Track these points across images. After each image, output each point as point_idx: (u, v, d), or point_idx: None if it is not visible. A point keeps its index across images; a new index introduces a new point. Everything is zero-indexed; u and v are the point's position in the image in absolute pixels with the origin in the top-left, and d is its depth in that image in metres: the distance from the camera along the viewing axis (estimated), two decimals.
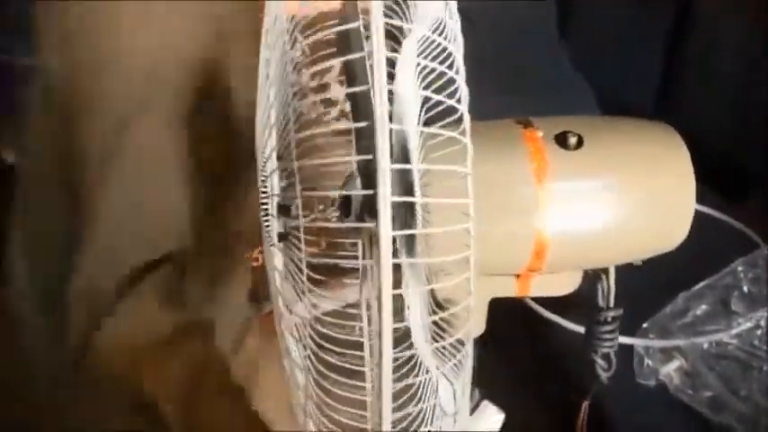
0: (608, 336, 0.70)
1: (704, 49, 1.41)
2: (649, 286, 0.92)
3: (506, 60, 1.26)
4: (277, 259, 0.61)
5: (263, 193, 0.60)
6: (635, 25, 1.48)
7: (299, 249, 0.59)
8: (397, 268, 0.53)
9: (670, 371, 1.04)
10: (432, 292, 0.58)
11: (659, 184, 0.63)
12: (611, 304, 0.69)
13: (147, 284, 0.74)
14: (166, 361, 0.69)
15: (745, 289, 1.13)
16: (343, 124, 0.93)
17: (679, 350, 1.05)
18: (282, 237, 0.59)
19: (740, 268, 1.15)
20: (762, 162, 1.29)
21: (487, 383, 0.69)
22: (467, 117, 0.48)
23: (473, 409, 0.69)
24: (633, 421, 1.00)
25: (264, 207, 0.59)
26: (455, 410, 0.57)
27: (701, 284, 1.12)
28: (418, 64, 0.49)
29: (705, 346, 1.06)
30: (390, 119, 0.48)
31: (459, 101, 0.48)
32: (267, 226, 0.59)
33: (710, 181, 0.84)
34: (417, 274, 0.58)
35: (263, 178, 0.60)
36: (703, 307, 1.12)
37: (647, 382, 1.04)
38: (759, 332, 1.08)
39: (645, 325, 1.08)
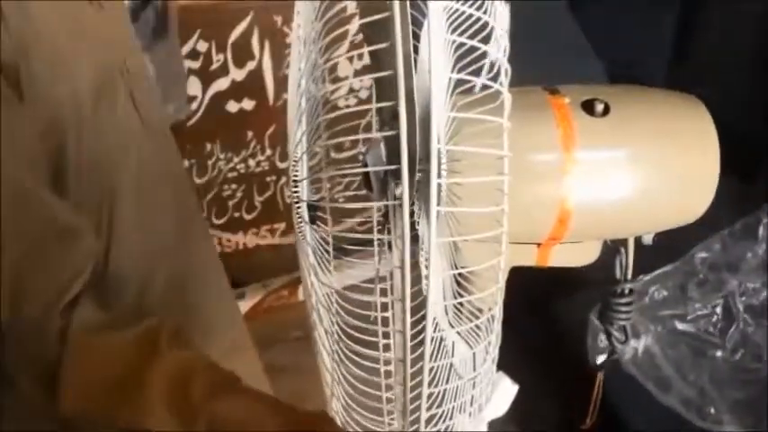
0: (624, 308, 0.69)
1: (720, 24, 1.41)
2: None
3: (517, 31, 1.25)
4: (309, 236, 0.61)
5: (295, 175, 0.59)
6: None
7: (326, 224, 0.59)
8: (415, 238, 0.52)
9: (624, 348, 1.03)
10: (455, 254, 0.57)
11: (684, 154, 0.62)
12: (629, 276, 0.69)
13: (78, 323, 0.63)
14: (142, 384, 0.60)
15: (702, 276, 1.13)
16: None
17: (634, 330, 1.04)
18: (312, 215, 0.59)
19: (699, 255, 1.15)
20: None
21: (501, 356, 0.68)
22: (505, 68, 0.47)
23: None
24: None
25: (296, 189, 0.58)
26: (474, 375, 0.57)
27: (659, 271, 1.11)
28: (452, 9, 0.48)
29: (659, 329, 1.06)
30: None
31: (498, 49, 0.46)
32: (298, 207, 0.58)
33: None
34: (441, 230, 0.57)
35: (294, 162, 0.59)
36: (663, 292, 1.11)
37: (599, 356, 1.02)
38: (714, 319, 1.08)
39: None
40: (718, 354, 1.05)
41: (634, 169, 0.61)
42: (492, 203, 0.52)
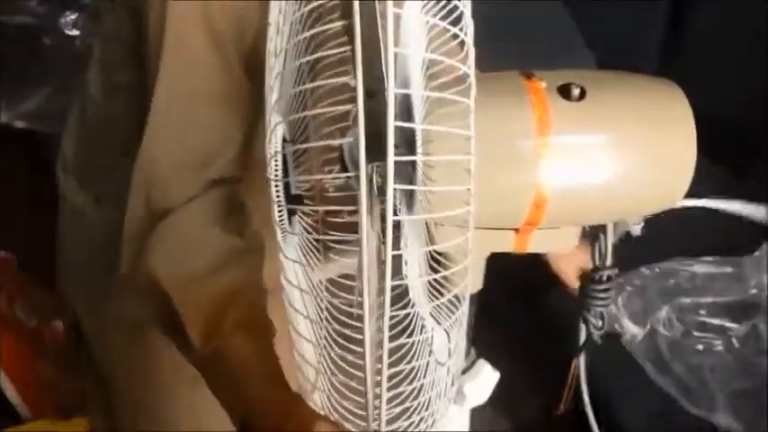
0: (602, 294, 0.69)
1: (710, 18, 1.41)
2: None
3: (507, 23, 1.25)
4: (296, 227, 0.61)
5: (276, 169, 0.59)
6: None
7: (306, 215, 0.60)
8: (396, 227, 0.52)
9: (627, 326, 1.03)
10: (430, 244, 0.57)
11: (661, 138, 0.62)
12: (608, 263, 0.68)
13: (198, 206, 0.73)
14: (200, 287, 0.69)
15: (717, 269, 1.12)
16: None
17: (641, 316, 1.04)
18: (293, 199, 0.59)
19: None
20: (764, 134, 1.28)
21: (483, 344, 0.68)
22: (471, 49, 0.47)
23: (469, 368, 0.68)
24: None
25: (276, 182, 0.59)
26: (448, 360, 0.56)
27: (672, 260, 1.10)
28: (425, 22, 0.48)
29: (667, 314, 1.05)
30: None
31: (463, 31, 0.46)
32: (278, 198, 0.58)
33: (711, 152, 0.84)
34: (416, 228, 0.57)
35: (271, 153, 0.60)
36: (672, 279, 1.10)
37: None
38: (725, 310, 1.07)
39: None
40: (723, 344, 1.05)
41: (610, 154, 0.61)
42: (463, 199, 0.52)
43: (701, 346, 1.03)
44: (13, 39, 1.38)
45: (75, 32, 1.39)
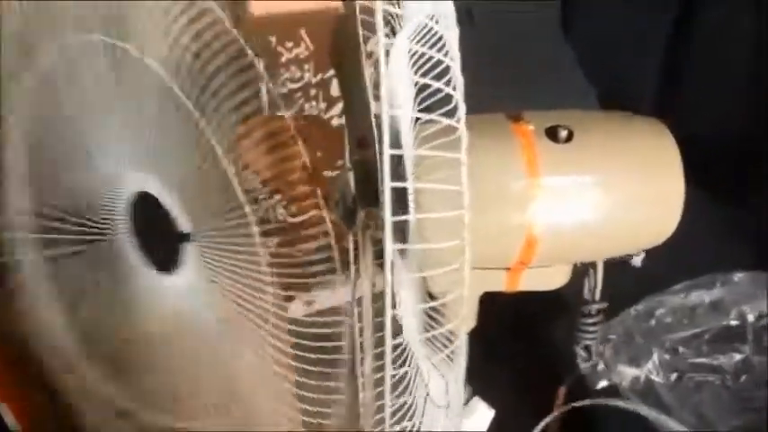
0: (590, 328, 0.70)
1: (709, 46, 1.41)
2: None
3: (507, 57, 1.26)
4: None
5: None
6: (638, 21, 1.49)
7: None
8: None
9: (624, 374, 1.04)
10: (425, 285, 0.58)
11: (648, 178, 0.63)
12: (597, 298, 0.69)
13: None
14: None
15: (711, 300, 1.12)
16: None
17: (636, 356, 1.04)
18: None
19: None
20: (763, 163, 1.28)
21: (477, 381, 0.69)
22: (462, 105, 0.48)
23: (464, 405, 0.69)
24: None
25: None
26: (447, 403, 0.57)
27: (664, 293, 1.10)
28: (412, 50, 0.49)
29: (662, 354, 1.06)
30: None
31: (454, 88, 0.48)
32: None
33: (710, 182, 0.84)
34: (410, 266, 0.58)
35: None
36: (668, 316, 1.10)
37: (599, 381, 1.02)
38: (718, 343, 1.07)
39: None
40: (720, 380, 1.05)
41: (599, 194, 0.62)
42: (456, 234, 0.52)
43: (696, 386, 1.04)
44: None
45: None
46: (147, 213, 0.75)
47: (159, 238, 0.75)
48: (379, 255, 0.63)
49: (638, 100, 1.36)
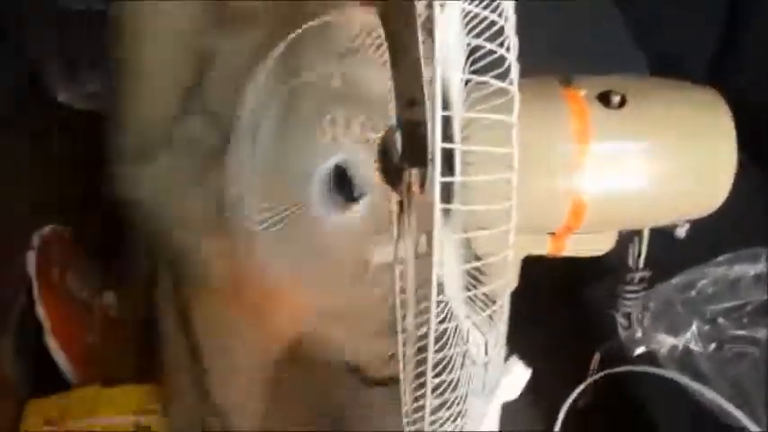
0: (632, 296, 0.70)
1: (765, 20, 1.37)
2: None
3: (557, 23, 1.24)
4: None
5: None
6: None
7: None
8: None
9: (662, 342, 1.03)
10: (469, 244, 0.58)
11: (701, 147, 0.62)
12: (641, 266, 0.69)
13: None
14: None
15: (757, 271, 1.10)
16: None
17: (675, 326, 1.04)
18: None
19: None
20: None
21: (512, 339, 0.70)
22: (515, 67, 0.48)
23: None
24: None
25: None
26: (486, 360, 0.58)
27: (708, 263, 1.09)
28: (464, 10, 0.49)
29: (702, 325, 1.05)
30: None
31: (507, 49, 0.47)
32: None
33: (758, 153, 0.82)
34: (454, 226, 0.58)
35: None
36: (711, 286, 1.09)
37: (637, 348, 1.03)
38: (759, 315, 1.06)
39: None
40: (759, 352, 1.04)
41: (649, 161, 0.61)
42: (503, 196, 0.53)
43: (735, 357, 1.03)
44: (73, 23, 1.41)
45: None
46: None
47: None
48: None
49: (690, 70, 1.33)
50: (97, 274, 1.35)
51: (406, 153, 0.59)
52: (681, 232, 0.68)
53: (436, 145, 0.45)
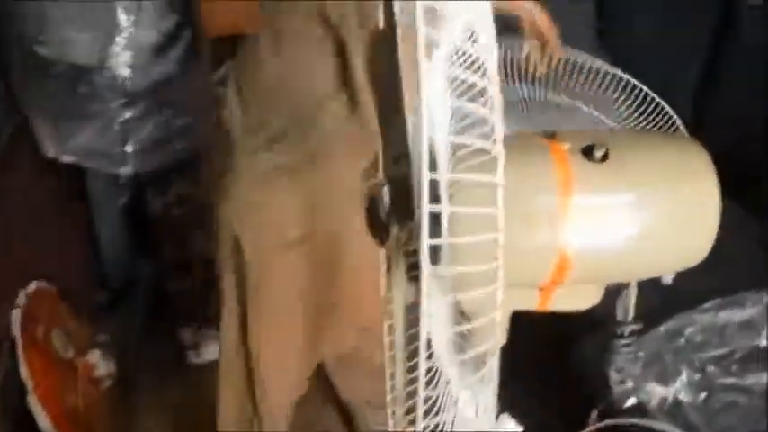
0: (624, 349, 0.70)
1: (747, 52, 1.39)
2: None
3: None
4: None
5: None
6: (676, 26, 1.48)
7: None
8: (416, 278, 0.53)
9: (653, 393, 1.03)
10: (456, 305, 0.58)
11: (683, 200, 0.63)
12: (630, 319, 0.69)
13: None
14: None
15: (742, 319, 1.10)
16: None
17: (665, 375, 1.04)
18: None
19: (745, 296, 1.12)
20: None
21: (506, 397, 0.69)
22: (498, 127, 0.48)
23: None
24: None
25: None
26: (477, 424, 0.57)
27: (694, 310, 1.10)
28: (450, 74, 0.50)
29: (691, 373, 1.05)
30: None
31: (491, 109, 0.48)
32: None
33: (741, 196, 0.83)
34: (442, 286, 0.58)
35: None
36: (698, 334, 1.09)
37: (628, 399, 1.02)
38: (746, 363, 1.06)
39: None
40: (749, 401, 1.04)
41: (633, 215, 0.61)
42: (490, 255, 0.53)
43: (725, 406, 1.03)
44: (64, 75, 1.41)
45: (127, 72, 1.42)
46: None
47: None
48: (411, 267, 0.64)
49: (673, 103, 1.34)
50: (83, 333, 1.34)
51: (393, 208, 0.59)
52: (668, 279, 0.68)
53: (423, 208, 0.45)
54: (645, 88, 0.98)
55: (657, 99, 0.95)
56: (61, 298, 1.34)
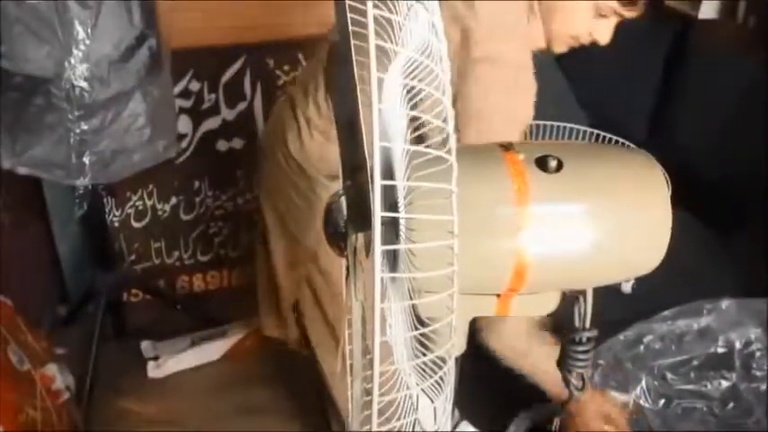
0: (581, 356, 0.70)
1: (698, 80, 1.43)
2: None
3: None
4: None
5: None
6: (634, 56, 1.51)
7: None
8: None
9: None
10: (414, 310, 0.58)
11: (636, 208, 0.64)
12: (587, 325, 0.70)
13: None
14: None
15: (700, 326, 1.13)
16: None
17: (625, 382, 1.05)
18: None
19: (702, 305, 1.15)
20: (752, 192, 1.30)
21: (466, 405, 0.70)
22: (452, 137, 0.49)
23: (453, 430, 0.70)
24: None
25: None
26: (436, 428, 0.58)
27: (654, 318, 1.12)
28: (405, 85, 0.50)
29: (650, 380, 1.07)
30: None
31: (444, 120, 0.49)
32: None
33: (698, 208, 0.84)
34: (400, 292, 0.59)
35: None
36: (657, 342, 1.11)
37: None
38: (706, 370, 1.08)
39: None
40: (707, 406, 1.06)
41: (587, 223, 0.63)
42: (446, 261, 0.53)
43: (684, 412, 1.05)
44: (20, 88, 1.40)
45: (84, 84, 1.41)
46: None
47: None
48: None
49: (630, 126, 1.38)
50: (39, 346, 1.32)
51: (350, 218, 0.60)
52: (627, 287, 0.69)
53: (376, 215, 0.45)
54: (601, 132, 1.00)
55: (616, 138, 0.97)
56: (17, 311, 1.32)
